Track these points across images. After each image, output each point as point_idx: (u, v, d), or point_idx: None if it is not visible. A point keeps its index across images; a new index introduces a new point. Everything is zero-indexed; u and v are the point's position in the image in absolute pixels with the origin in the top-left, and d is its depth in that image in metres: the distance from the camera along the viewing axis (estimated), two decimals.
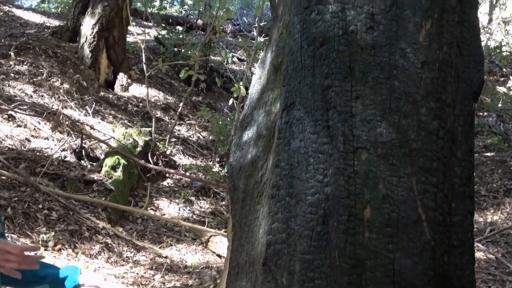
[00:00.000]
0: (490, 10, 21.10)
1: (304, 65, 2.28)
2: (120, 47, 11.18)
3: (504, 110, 14.17)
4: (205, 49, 12.75)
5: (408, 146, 2.10)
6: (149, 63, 11.46)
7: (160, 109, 11.11)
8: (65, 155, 7.39)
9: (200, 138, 10.67)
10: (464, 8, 2.34)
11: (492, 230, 7.97)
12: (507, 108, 14.29)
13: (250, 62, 9.41)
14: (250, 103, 2.77)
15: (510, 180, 9.74)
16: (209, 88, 13.11)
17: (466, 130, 2.24)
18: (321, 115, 2.18)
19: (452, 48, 2.25)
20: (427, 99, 2.15)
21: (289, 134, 2.27)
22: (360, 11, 2.22)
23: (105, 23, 10.74)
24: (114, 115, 9.72)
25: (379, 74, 2.16)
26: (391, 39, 2.18)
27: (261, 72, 2.76)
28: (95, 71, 10.68)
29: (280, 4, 2.76)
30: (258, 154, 2.55)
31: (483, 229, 8.12)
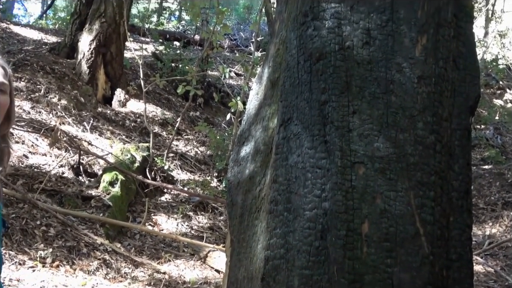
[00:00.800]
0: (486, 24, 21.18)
1: (301, 80, 2.29)
2: (117, 63, 11.21)
3: (501, 123, 14.19)
4: (203, 64, 12.78)
5: (406, 160, 2.11)
6: (147, 78, 11.48)
7: (158, 125, 11.12)
8: (63, 171, 7.38)
9: (198, 153, 10.67)
10: (460, 23, 2.35)
11: (491, 243, 7.96)
12: (504, 121, 14.32)
13: (248, 77, 9.43)
14: (248, 118, 2.77)
15: (508, 192, 9.74)
16: (206, 103, 13.13)
17: (463, 144, 2.24)
18: (319, 130, 2.19)
19: (448, 63, 2.26)
20: (424, 113, 2.16)
21: (286, 150, 2.28)
22: (356, 27, 2.23)
23: (103, 39, 10.77)
24: (112, 131, 9.72)
25: (376, 89, 2.17)
26: (387, 54, 2.20)
27: (258, 87, 2.77)
28: (93, 87, 10.69)
29: (277, 20, 2.77)
30: (256, 169, 2.55)
31: (482, 242, 8.11)
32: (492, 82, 17.89)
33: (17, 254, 5.17)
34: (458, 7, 2.35)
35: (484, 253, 7.64)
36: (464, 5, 2.38)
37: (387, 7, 2.24)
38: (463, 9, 2.37)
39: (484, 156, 12.22)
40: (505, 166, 11.20)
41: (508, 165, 11.26)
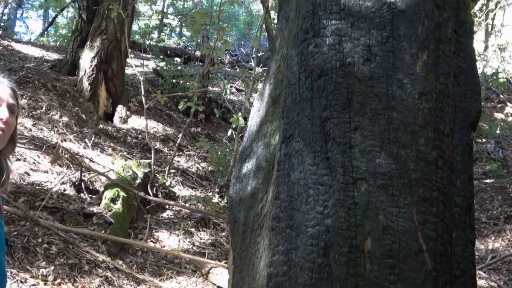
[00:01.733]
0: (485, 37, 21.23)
1: (303, 97, 2.29)
2: (119, 79, 11.24)
3: (502, 137, 14.18)
4: (204, 80, 12.81)
5: (408, 176, 2.11)
6: (148, 95, 11.50)
7: (159, 141, 11.12)
8: (64, 188, 7.37)
9: (199, 169, 10.66)
10: (460, 39, 2.36)
11: (494, 257, 7.93)
12: (505, 134, 14.32)
13: (249, 93, 9.44)
14: (249, 135, 2.78)
15: (510, 206, 9.71)
16: (208, 119, 13.15)
17: (465, 159, 2.25)
18: (320, 147, 2.19)
19: (449, 79, 2.27)
20: (426, 129, 2.16)
21: (288, 166, 2.28)
22: (357, 43, 2.24)
23: (104, 56, 10.81)
24: (113, 147, 9.73)
25: (377, 105, 2.17)
26: (388, 70, 2.20)
27: (260, 104, 2.78)
28: (94, 103, 10.71)
29: (278, 37, 2.78)
30: (258, 186, 2.55)
31: (485, 256, 8.08)
32: (492, 95, 17.91)
33: (19, 272, 5.15)
34: (458, 23, 2.36)
35: (487, 267, 7.61)
36: (464, 21, 2.39)
37: (388, 24, 2.25)
38: (463, 25, 2.39)
39: (485, 170, 12.20)
40: (506, 179, 11.17)
41: (509, 178, 11.24)
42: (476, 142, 13.04)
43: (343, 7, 2.30)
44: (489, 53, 20.28)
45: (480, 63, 18.84)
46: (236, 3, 9.36)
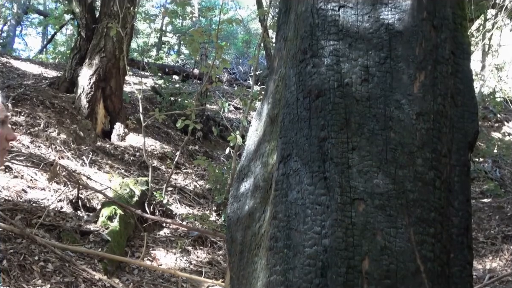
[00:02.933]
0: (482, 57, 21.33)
1: (300, 117, 2.30)
2: (117, 97, 11.26)
3: (499, 156, 14.20)
4: (202, 98, 12.85)
5: (405, 197, 2.11)
6: (146, 112, 11.52)
7: (157, 159, 11.12)
8: (61, 206, 7.35)
9: (197, 187, 10.64)
10: (457, 60, 2.38)
11: (491, 277, 7.90)
12: (502, 154, 14.33)
13: (247, 111, 9.46)
14: (247, 154, 2.78)
15: (508, 226, 9.70)
16: (205, 137, 13.16)
17: (462, 180, 2.25)
18: (318, 166, 2.19)
19: (446, 99, 2.28)
20: (423, 150, 2.16)
21: (286, 186, 2.28)
22: (354, 64, 2.25)
23: (102, 74, 10.84)
24: (111, 165, 9.72)
25: (375, 126, 2.18)
26: (386, 91, 2.21)
27: (258, 124, 2.78)
28: (92, 121, 10.72)
29: (276, 57, 2.79)
30: (256, 205, 2.54)
31: (482, 276, 8.05)
32: (490, 115, 17.96)
33: None
34: (456, 44, 2.38)
35: (484, 287, 7.58)
36: (461, 42, 2.41)
37: (385, 45, 2.26)
38: (460, 46, 2.40)
39: (483, 189, 12.20)
40: (504, 199, 11.18)
41: (507, 198, 11.24)
42: (473, 162, 13.05)
43: (341, 28, 2.31)
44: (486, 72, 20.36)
45: (477, 82, 18.93)
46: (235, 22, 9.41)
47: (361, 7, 2.33)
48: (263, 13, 10.83)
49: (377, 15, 2.31)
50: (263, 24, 10.26)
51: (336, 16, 2.33)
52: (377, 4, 2.32)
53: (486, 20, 15.05)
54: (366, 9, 2.32)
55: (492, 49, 20.12)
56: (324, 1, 2.37)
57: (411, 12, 2.30)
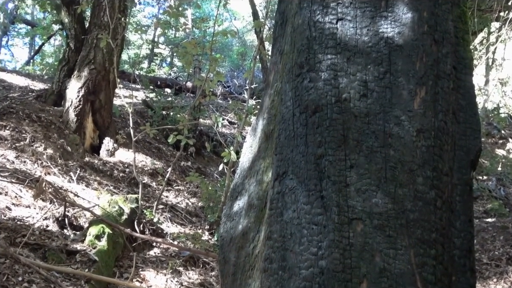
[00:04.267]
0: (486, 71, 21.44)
1: (297, 133, 2.31)
2: (106, 111, 11.26)
3: (504, 174, 14.21)
4: (195, 112, 12.86)
5: (405, 217, 2.11)
6: (137, 127, 11.51)
7: (147, 175, 11.10)
8: (47, 224, 7.32)
9: (189, 205, 10.62)
10: (459, 75, 2.39)
11: None
12: (507, 171, 14.35)
13: (241, 126, 9.47)
14: (241, 172, 2.78)
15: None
16: (198, 152, 13.15)
17: (465, 199, 2.25)
18: (315, 185, 2.19)
19: (448, 116, 2.29)
20: (424, 168, 2.17)
21: (281, 205, 2.27)
22: (353, 79, 2.26)
23: (92, 87, 10.84)
24: (99, 181, 9.70)
25: (374, 143, 2.18)
26: (385, 106, 2.22)
27: (252, 140, 2.79)
28: (80, 136, 10.70)
29: (272, 71, 2.81)
30: (250, 225, 2.54)
31: None
32: (493, 131, 18.00)
33: None
34: (458, 59, 2.39)
35: None
36: (463, 57, 2.42)
37: (385, 59, 2.28)
38: (462, 61, 2.42)
39: (486, 208, 12.20)
40: (509, 218, 11.17)
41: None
42: (476, 180, 13.07)
43: (339, 42, 2.33)
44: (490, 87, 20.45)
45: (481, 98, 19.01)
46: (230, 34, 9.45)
47: (360, 20, 2.34)
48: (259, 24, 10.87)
49: (377, 28, 2.32)
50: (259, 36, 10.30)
51: (334, 29, 2.35)
52: (376, 17, 2.34)
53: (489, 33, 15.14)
54: (365, 22, 2.34)
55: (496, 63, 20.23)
56: (321, 13, 2.38)
57: (412, 25, 2.31)
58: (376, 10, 2.35)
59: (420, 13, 2.34)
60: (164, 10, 11.16)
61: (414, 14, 2.33)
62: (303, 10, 2.44)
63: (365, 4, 2.35)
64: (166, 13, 9.55)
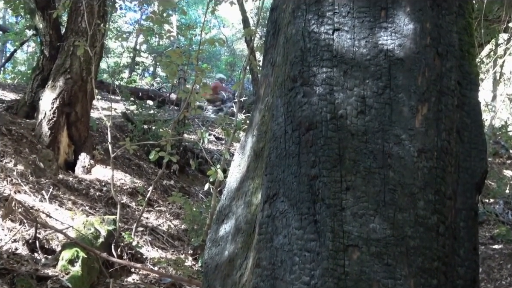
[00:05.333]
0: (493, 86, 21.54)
1: (289, 152, 2.31)
2: (83, 124, 11.22)
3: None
4: (179, 127, 12.85)
5: (405, 244, 2.11)
6: (115, 142, 11.49)
7: (127, 194, 11.05)
8: (16, 247, 7.27)
9: (171, 228, 10.58)
10: (464, 91, 2.40)
11: None
12: None
13: (229, 142, 9.47)
14: (228, 193, 2.78)
15: None
16: (182, 170, 13.13)
17: (469, 226, 2.26)
18: (308, 208, 2.19)
19: (452, 135, 2.29)
20: (425, 191, 2.17)
21: (271, 230, 2.27)
22: (350, 94, 2.27)
23: (67, 98, 10.81)
24: (74, 201, 9.65)
25: (372, 163, 2.19)
26: (384, 124, 2.23)
27: (241, 158, 2.79)
28: (54, 151, 10.65)
29: (263, 84, 2.81)
30: (237, 251, 2.54)
31: None
32: (501, 151, 18.03)
33: None
34: (462, 74, 2.41)
35: None
36: (468, 71, 2.43)
37: (384, 73, 2.29)
38: (467, 76, 2.43)
39: (493, 234, 12.21)
40: None
41: None
42: (482, 203, 13.09)
43: (335, 54, 2.34)
44: (498, 103, 20.53)
45: (488, 114, 19.08)
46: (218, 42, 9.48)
47: (358, 31, 2.35)
48: (250, 33, 10.91)
49: (376, 40, 2.34)
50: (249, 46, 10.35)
51: (330, 41, 2.36)
52: (376, 28, 2.35)
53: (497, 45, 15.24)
54: (363, 33, 2.35)
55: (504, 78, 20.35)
56: (316, 23, 2.39)
57: (413, 37, 2.33)
58: (375, 20, 2.36)
59: (422, 24, 2.35)
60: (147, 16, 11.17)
61: (416, 25, 2.35)
62: (296, 19, 2.46)
63: (364, 14, 2.36)
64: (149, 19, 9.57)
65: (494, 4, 10.88)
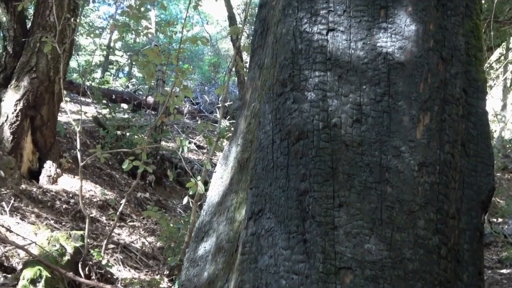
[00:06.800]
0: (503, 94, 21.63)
1: (276, 164, 2.31)
2: (49, 129, 11.17)
3: None
4: (156, 133, 12.84)
5: (403, 267, 2.11)
6: (85, 149, 11.45)
7: (96, 208, 11.02)
8: None
9: (146, 245, 10.55)
10: (470, 100, 2.41)
11: None
12: None
13: (211, 152, 9.45)
14: (209, 208, 2.78)
15: None
16: (159, 182, 13.10)
17: (474, 248, 2.26)
18: (296, 226, 2.19)
19: (456, 148, 2.30)
20: (426, 209, 2.18)
21: (256, 249, 2.27)
22: (345, 101, 2.27)
23: (32, 99, 10.76)
24: (38, 214, 9.60)
25: (368, 178, 2.19)
26: (382, 135, 2.23)
27: (224, 170, 2.79)
28: (17, 158, 10.60)
29: (249, 88, 2.82)
30: (217, 272, 2.53)
31: None
32: (511, 165, 18.12)
33: None
34: (468, 81, 2.42)
35: None
36: (475, 78, 2.44)
37: (383, 78, 2.29)
38: (474, 83, 2.44)
39: (501, 257, 12.23)
40: None
41: None
42: (489, 223, 13.14)
43: (329, 56, 2.34)
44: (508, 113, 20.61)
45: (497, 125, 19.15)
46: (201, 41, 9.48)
47: (355, 32, 2.36)
48: (236, 31, 10.92)
49: (374, 42, 2.34)
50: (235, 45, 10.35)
51: (323, 42, 2.36)
52: (374, 29, 2.36)
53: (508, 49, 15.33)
54: (360, 34, 2.36)
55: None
56: (309, 22, 2.40)
57: (416, 40, 2.34)
58: (374, 20, 2.37)
59: (425, 25, 2.36)
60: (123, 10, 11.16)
61: (418, 26, 2.35)
62: (287, 17, 2.46)
63: (361, 13, 2.37)
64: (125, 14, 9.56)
65: (505, 4, 10.93)
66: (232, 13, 17.44)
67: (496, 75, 16.71)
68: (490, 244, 12.53)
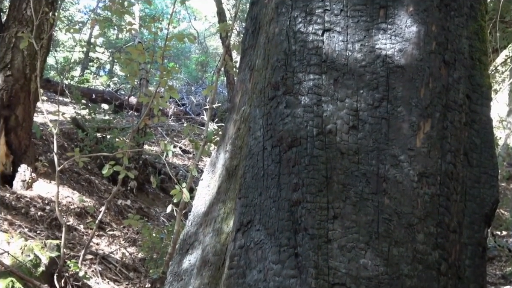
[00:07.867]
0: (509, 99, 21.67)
1: (267, 172, 2.31)
2: (24, 130, 11.14)
3: None
4: (138, 136, 12.81)
5: (401, 283, 2.12)
6: (63, 153, 11.42)
7: (74, 215, 10.99)
8: None
9: (126, 256, 10.54)
10: (474, 106, 2.42)
11: None
12: None
13: (198, 157, 9.44)
14: (195, 218, 2.77)
15: None
16: (141, 188, 13.07)
17: (476, 264, 2.27)
18: (287, 239, 2.19)
19: (458, 157, 2.31)
20: (426, 222, 2.18)
21: (244, 263, 2.27)
22: (340, 106, 2.28)
23: (6, 98, 10.74)
24: (11, 221, 9.58)
25: (364, 188, 2.19)
26: (380, 143, 2.23)
27: (211, 177, 2.79)
28: None
29: (239, 91, 2.82)
30: (203, 287, 2.53)
31: None
32: None
33: None
34: (472, 87, 2.42)
35: None
36: (479, 84, 2.45)
37: (381, 83, 2.29)
38: (478, 89, 2.45)
39: (505, 272, 12.25)
40: None
41: None
42: (493, 236, 13.16)
43: (324, 58, 2.34)
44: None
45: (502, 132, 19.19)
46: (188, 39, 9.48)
47: (352, 33, 2.36)
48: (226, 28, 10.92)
49: (372, 43, 2.34)
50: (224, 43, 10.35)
51: (318, 43, 2.37)
52: (373, 30, 2.36)
53: None
54: (358, 35, 2.36)
55: None
56: (304, 22, 2.40)
57: (417, 42, 2.34)
58: (373, 20, 2.38)
59: (427, 27, 2.37)
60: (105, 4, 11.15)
61: (420, 28, 2.36)
62: (280, 16, 2.46)
63: (359, 13, 2.37)
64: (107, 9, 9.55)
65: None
66: (222, 9, 17.44)
67: (502, 78, 16.73)
68: (493, 259, 12.55)
